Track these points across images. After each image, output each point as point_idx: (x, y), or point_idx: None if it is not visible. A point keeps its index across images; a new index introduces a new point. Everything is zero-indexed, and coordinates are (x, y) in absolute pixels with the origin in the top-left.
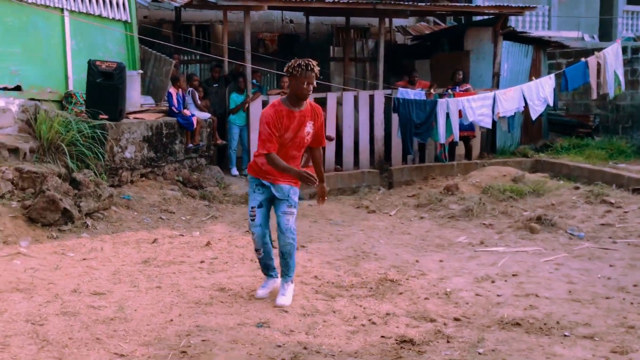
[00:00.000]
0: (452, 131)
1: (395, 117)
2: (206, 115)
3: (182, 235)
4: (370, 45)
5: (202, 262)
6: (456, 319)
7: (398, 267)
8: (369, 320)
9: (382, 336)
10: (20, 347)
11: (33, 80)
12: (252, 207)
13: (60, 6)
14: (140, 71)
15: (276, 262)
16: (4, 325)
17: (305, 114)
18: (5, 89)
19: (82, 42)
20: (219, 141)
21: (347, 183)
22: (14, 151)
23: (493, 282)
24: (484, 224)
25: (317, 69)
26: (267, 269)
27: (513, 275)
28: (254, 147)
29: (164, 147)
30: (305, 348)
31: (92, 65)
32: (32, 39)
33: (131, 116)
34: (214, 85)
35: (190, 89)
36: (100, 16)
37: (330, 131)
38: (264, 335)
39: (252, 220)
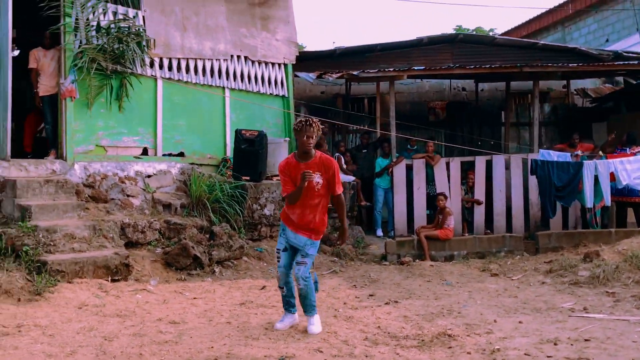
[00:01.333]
0: (603, 195)
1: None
2: (350, 178)
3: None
4: (547, 109)
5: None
6: None
7: (469, 325)
8: None
9: None
10: (84, 354)
11: (195, 147)
12: (277, 250)
13: (222, 85)
14: (287, 139)
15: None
16: (83, 339)
17: (311, 166)
18: (170, 155)
19: (242, 114)
20: (363, 202)
21: (486, 247)
22: (168, 206)
23: (555, 344)
24: (607, 291)
25: (317, 125)
26: (288, 305)
27: (585, 340)
28: (398, 209)
29: None
30: None
31: (238, 133)
32: (195, 113)
33: (275, 178)
34: (363, 151)
35: (337, 154)
36: (258, 92)
37: (479, 195)
38: None
39: (278, 261)
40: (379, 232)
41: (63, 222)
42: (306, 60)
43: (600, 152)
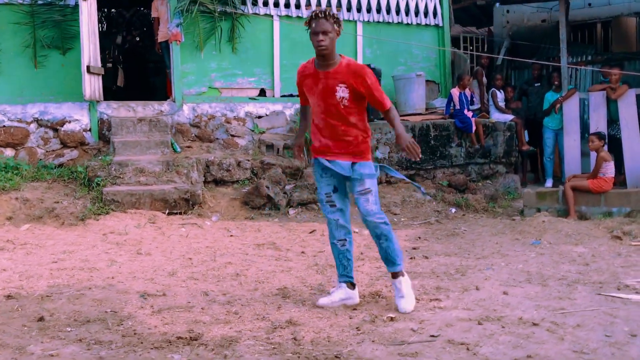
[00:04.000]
0: None
1: None
2: (507, 117)
3: (355, 232)
4: None
5: (302, 252)
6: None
7: (447, 290)
8: None
9: None
10: (11, 274)
11: None
12: (326, 194)
13: (352, 19)
14: (420, 73)
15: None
16: (42, 261)
17: (334, 76)
18: (291, 95)
19: (379, 49)
20: (525, 147)
21: None
22: (271, 147)
23: (479, 324)
24: None
25: (332, 15)
26: (347, 267)
27: (533, 324)
28: (570, 154)
29: (432, 150)
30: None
31: None
32: None
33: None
34: (535, 85)
35: (493, 89)
36: (401, 23)
37: None
38: None
39: (332, 206)
40: (549, 183)
41: (142, 157)
42: None
43: None
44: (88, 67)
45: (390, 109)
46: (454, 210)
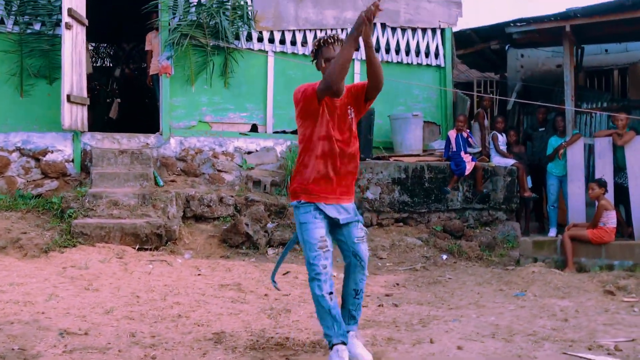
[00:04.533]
0: None
1: None
2: (509, 161)
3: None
4: None
5: (265, 295)
6: None
7: (395, 341)
8: None
9: None
10: None
11: None
12: (321, 237)
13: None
14: (417, 113)
15: None
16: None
17: (345, 102)
18: (284, 132)
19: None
20: (527, 193)
21: None
22: (258, 183)
23: None
24: None
25: (339, 39)
26: (341, 322)
27: None
28: (574, 202)
29: (426, 193)
30: None
31: None
32: None
33: (392, 158)
34: (540, 130)
35: (494, 132)
36: (400, 63)
37: None
38: None
39: (325, 251)
40: (552, 233)
41: (118, 190)
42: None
43: None
44: (68, 96)
45: None
46: (445, 257)
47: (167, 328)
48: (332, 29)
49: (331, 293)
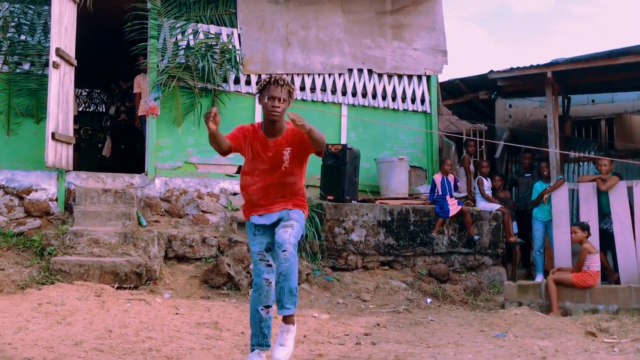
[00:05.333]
0: None
1: None
2: (494, 206)
3: (314, 316)
4: None
5: (242, 332)
6: None
7: None
8: None
9: None
10: None
11: None
12: (259, 252)
13: (337, 102)
14: (403, 157)
15: None
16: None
17: (281, 142)
18: None
19: (364, 133)
20: (512, 238)
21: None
22: (242, 224)
23: None
24: None
25: (287, 84)
26: (264, 337)
27: None
28: (559, 248)
29: (412, 236)
30: None
31: (326, 148)
32: None
33: (378, 201)
34: (525, 175)
35: (479, 177)
36: (387, 108)
37: None
38: None
39: (267, 265)
40: (539, 278)
41: (100, 228)
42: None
43: None
44: (53, 134)
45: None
46: (429, 300)
47: None
48: (319, 74)
49: (267, 306)
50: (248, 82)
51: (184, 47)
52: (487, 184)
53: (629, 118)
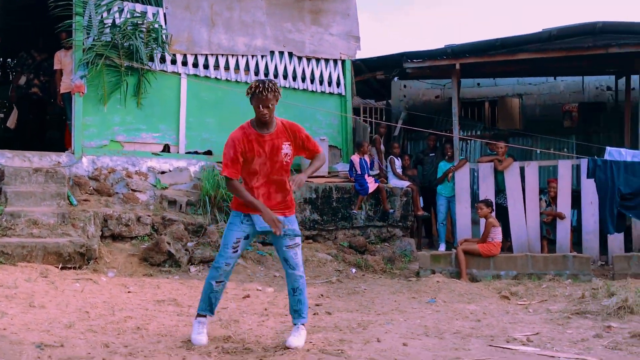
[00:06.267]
0: None
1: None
2: (404, 183)
3: (259, 290)
4: None
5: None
6: None
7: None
8: None
9: None
10: None
11: None
12: (237, 239)
13: None
14: (324, 137)
15: None
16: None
17: (278, 135)
18: (196, 152)
19: (286, 113)
20: (420, 212)
21: (542, 268)
22: (173, 203)
23: None
24: (608, 326)
25: (275, 89)
26: (213, 305)
27: None
28: (461, 220)
29: (334, 212)
30: None
31: None
32: (227, 111)
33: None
34: (430, 155)
35: (391, 156)
36: (306, 90)
37: (563, 208)
38: None
39: (235, 251)
40: (442, 248)
41: (36, 209)
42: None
43: None
44: None
45: (322, 153)
46: (354, 270)
47: (134, 339)
48: (243, 55)
49: (220, 281)
50: (174, 61)
51: (109, 25)
52: (398, 163)
53: (510, 101)
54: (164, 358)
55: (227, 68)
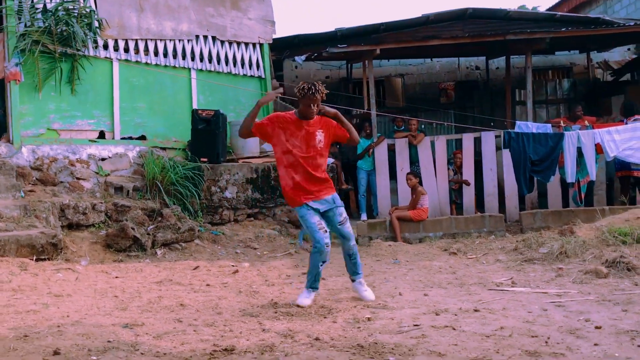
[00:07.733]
0: (588, 170)
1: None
2: (329, 160)
3: (233, 266)
4: (566, 85)
5: (207, 285)
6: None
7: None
8: None
9: None
10: None
11: (158, 130)
12: (317, 221)
13: (187, 67)
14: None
15: None
16: None
17: (314, 125)
18: (130, 138)
19: (211, 96)
20: (344, 185)
21: (463, 228)
22: (120, 189)
23: (437, 314)
24: (558, 267)
25: (322, 90)
26: (318, 281)
27: (474, 310)
28: (381, 191)
29: (272, 189)
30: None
31: (194, 113)
32: (158, 95)
33: (240, 160)
34: None
35: None
36: (230, 73)
37: (468, 175)
38: None
39: (325, 231)
40: (364, 217)
41: None
42: (306, 44)
43: (586, 122)
44: None
45: (354, 134)
46: (302, 243)
47: (197, 311)
48: (170, 40)
49: (324, 262)
50: (106, 47)
51: (40, 10)
52: None
53: (394, 80)
54: (241, 324)
55: (156, 53)
